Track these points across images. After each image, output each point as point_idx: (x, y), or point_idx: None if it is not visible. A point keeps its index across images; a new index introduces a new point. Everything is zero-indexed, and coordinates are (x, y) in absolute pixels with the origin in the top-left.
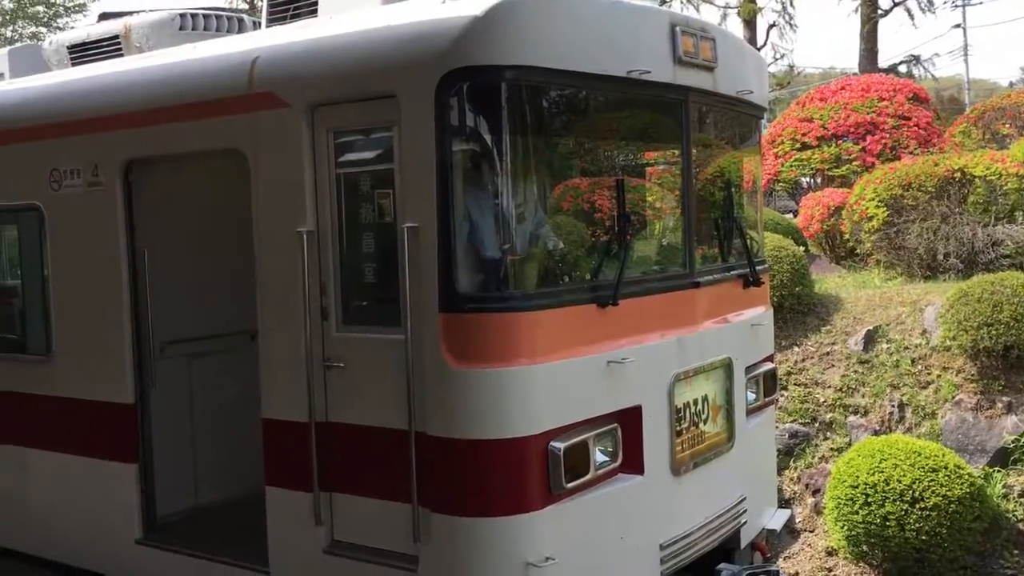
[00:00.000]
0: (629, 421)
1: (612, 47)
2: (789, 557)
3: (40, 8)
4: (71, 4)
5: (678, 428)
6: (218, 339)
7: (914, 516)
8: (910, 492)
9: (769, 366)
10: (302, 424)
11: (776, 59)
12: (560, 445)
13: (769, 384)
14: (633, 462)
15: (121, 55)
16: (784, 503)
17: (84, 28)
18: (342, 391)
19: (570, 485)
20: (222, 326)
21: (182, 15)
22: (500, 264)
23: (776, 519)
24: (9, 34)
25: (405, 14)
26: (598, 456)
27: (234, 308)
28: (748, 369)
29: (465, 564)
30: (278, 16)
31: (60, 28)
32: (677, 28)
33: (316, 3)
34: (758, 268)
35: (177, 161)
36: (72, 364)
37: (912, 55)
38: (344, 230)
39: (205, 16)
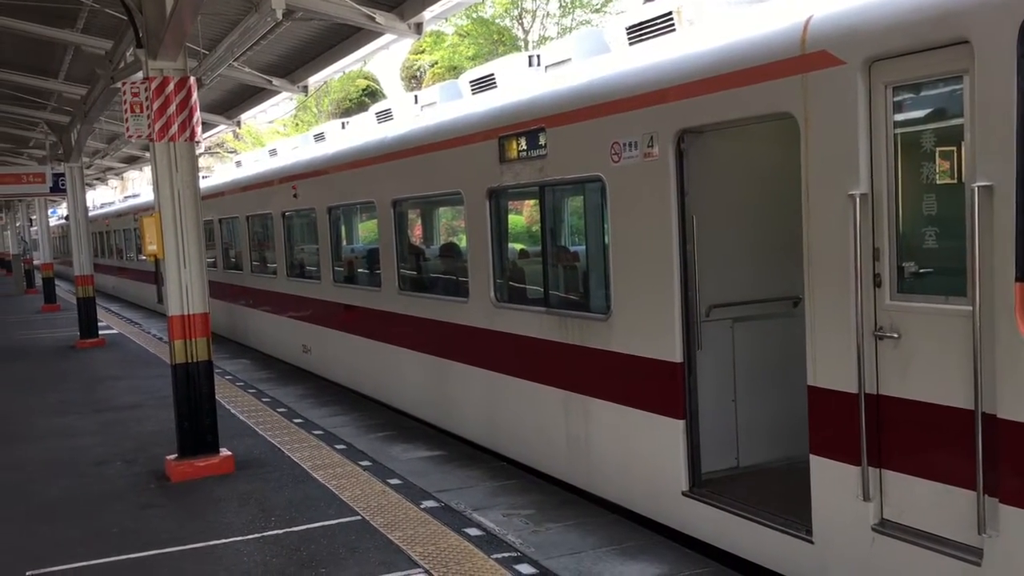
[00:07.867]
0: None
1: None
2: None
3: None
4: None
5: None
6: (761, 304)
7: None
8: None
9: None
10: (850, 395)
11: None
12: None
13: None
14: None
15: (673, 30)
16: None
17: (640, 9)
18: (896, 363)
19: None
20: (765, 291)
21: None
22: None
23: None
24: (568, 23)
25: None
26: None
27: (777, 273)
28: None
29: None
30: None
31: (610, 13)
32: None
33: None
34: None
35: (725, 128)
36: (627, 323)
37: None
38: (901, 192)
39: None
